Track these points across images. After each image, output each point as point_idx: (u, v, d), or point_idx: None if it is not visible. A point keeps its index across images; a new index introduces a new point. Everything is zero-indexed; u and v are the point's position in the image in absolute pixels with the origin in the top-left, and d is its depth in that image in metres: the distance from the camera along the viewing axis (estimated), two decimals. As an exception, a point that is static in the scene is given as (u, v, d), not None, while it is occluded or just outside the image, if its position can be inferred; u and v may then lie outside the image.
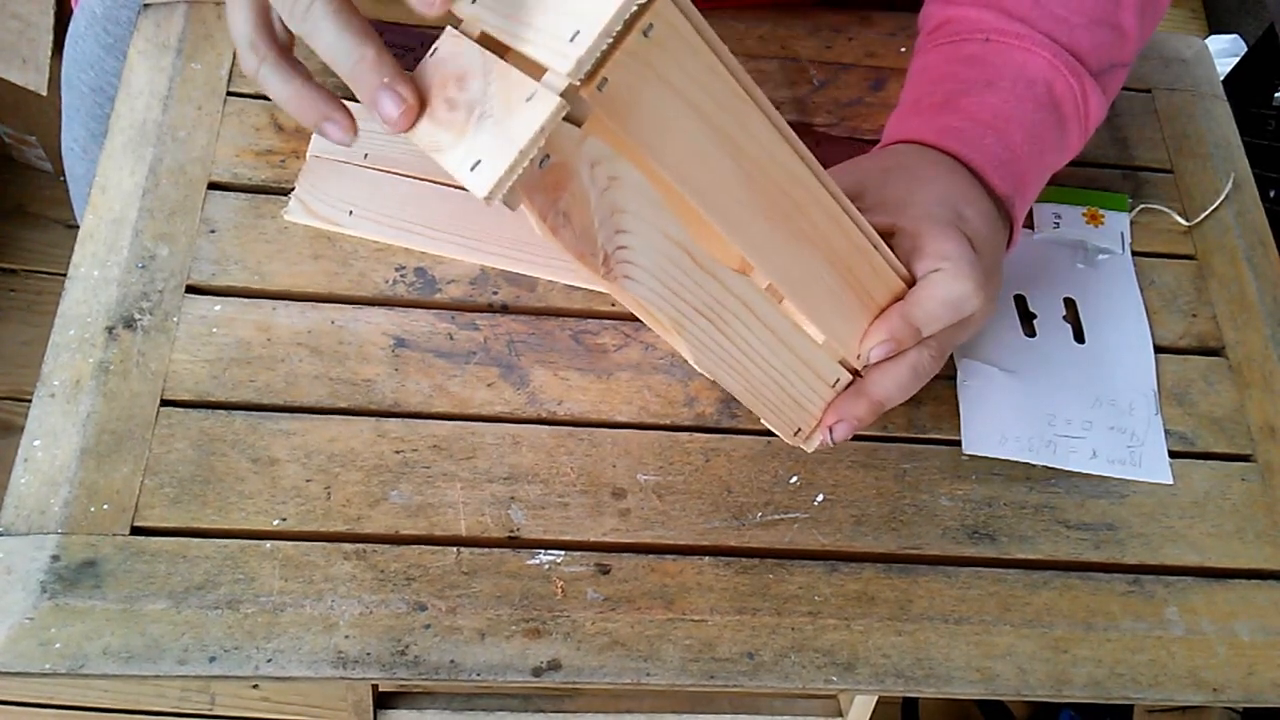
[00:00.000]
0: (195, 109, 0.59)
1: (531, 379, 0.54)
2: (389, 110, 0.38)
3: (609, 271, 0.40)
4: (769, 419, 0.49)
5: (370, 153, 0.58)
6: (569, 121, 0.35)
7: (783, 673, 0.49)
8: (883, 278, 0.48)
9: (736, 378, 0.46)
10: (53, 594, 0.46)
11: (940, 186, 0.51)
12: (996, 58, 0.54)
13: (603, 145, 0.37)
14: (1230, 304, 0.62)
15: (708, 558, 0.51)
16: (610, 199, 0.39)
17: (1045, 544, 0.53)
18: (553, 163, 0.36)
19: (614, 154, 0.37)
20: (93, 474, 0.49)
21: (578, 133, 0.36)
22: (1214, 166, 0.67)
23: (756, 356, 0.46)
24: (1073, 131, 0.55)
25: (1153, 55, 0.71)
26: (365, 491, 0.50)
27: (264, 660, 0.46)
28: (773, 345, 0.46)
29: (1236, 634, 0.52)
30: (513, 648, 0.48)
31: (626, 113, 0.36)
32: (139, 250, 0.54)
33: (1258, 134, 1.17)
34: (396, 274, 0.56)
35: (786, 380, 0.48)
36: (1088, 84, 0.54)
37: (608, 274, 0.40)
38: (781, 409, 0.48)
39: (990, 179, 0.52)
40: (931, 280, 0.48)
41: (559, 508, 0.51)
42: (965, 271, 0.48)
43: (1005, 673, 0.50)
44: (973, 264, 0.48)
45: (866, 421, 0.49)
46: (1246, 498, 0.56)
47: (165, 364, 0.52)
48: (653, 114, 0.37)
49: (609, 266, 0.40)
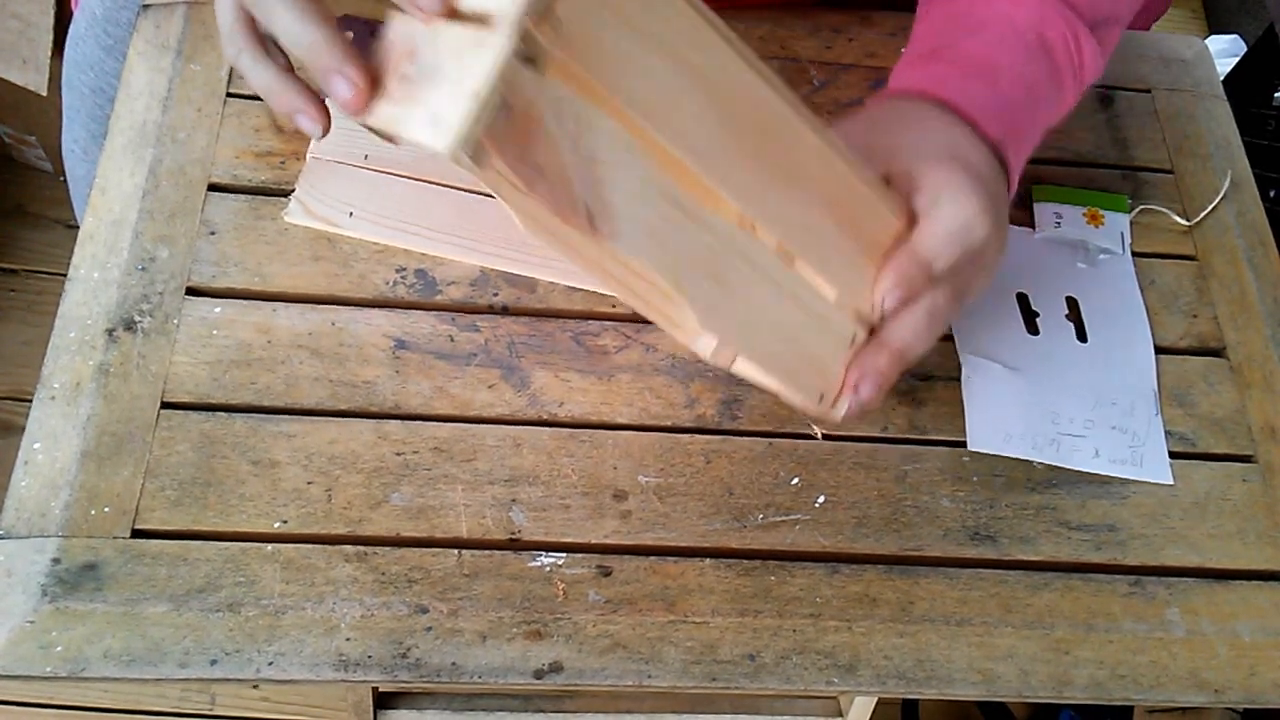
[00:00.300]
0: (195, 110, 0.59)
1: (532, 380, 0.54)
2: (341, 92, 0.38)
3: (595, 230, 0.38)
4: (790, 392, 0.46)
5: (370, 153, 0.58)
6: (528, 66, 0.34)
7: (784, 674, 0.49)
8: (885, 222, 0.46)
9: (748, 344, 0.44)
10: (53, 597, 0.46)
11: (931, 129, 0.49)
12: (984, 9, 0.53)
13: (566, 89, 0.35)
14: (1231, 304, 0.62)
15: (709, 559, 0.51)
16: (585, 149, 0.37)
17: (1046, 545, 0.53)
18: (517, 111, 0.34)
19: (580, 98, 0.36)
20: (93, 476, 0.49)
21: (538, 77, 0.35)
22: (1214, 166, 0.67)
23: (766, 317, 0.44)
24: (1067, 82, 0.53)
25: (1153, 55, 0.71)
26: (366, 494, 0.50)
27: (265, 663, 0.46)
28: (782, 303, 0.44)
29: (1238, 635, 0.52)
30: (514, 650, 0.48)
31: (586, 52, 0.35)
32: (139, 252, 0.54)
33: (1258, 134, 1.17)
34: (397, 275, 0.56)
35: (801, 342, 0.45)
36: (1081, 32, 0.52)
37: (594, 232, 0.38)
38: (800, 376, 0.46)
39: (981, 124, 0.50)
40: (933, 213, 0.46)
41: (560, 509, 0.51)
42: (967, 195, 0.46)
43: (1006, 674, 0.50)
44: (973, 187, 0.46)
45: (890, 376, 0.47)
46: (1247, 498, 0.56)
47: (165, 366, 0.52)
48: (615, 53, 0.35)
49: (594, 225, 0.38)
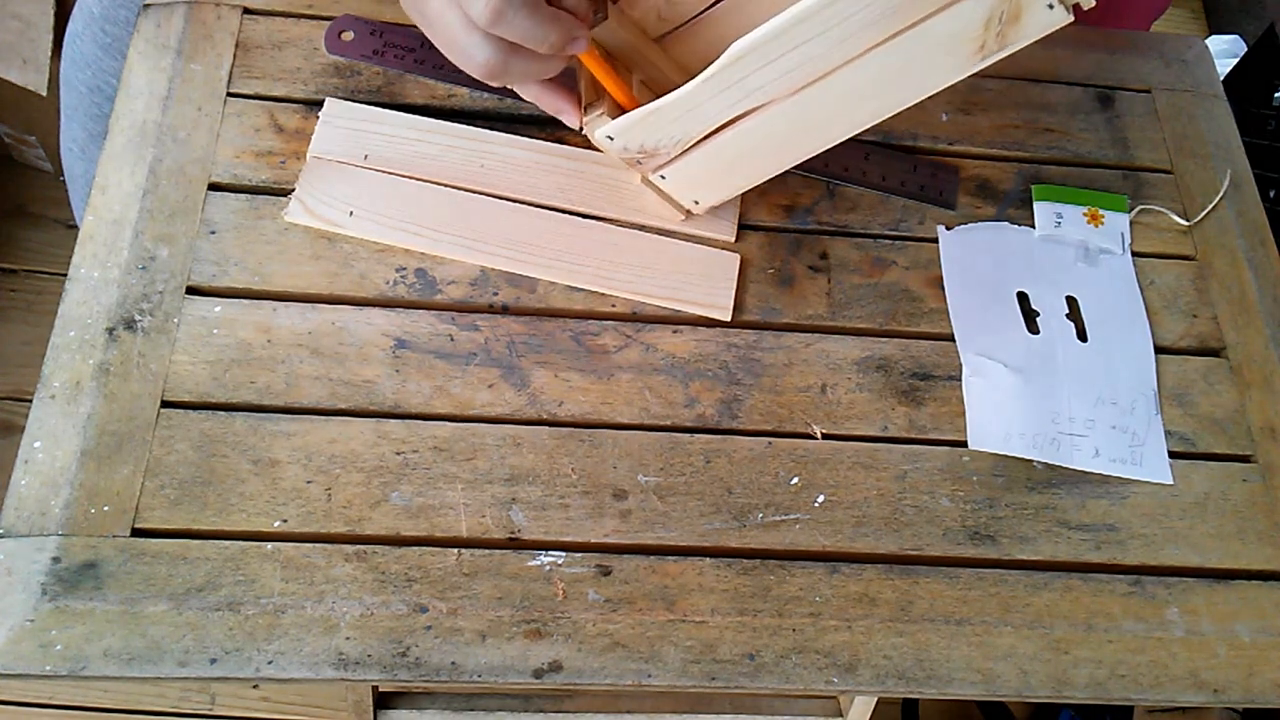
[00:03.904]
0: (195, 110, 0.59)
1: (532, 380, 0.54)
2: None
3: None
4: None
5: (370, 153, 0.58)
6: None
7: (784, 674, 0.49)
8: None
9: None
10: (53, 596, 0.46)
11: None
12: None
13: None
14: (1231, 304, 0.62)
15: (709, 559, 0.51)
16: None
17: (1046, 545, 0.53)
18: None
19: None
20: (93, 475, 0.49)
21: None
22: (1214, 166, 0.67)
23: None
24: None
25: (1153, 55, 0.71)
26: (366, 493, 0.50)
27: (265, 662, 0.46)
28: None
29: (1237, 635, 0.52)
30: (514, 649, 0.48)
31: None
32: (139, 251, 0.54)
33: (1258, 134, 1.17)
34: (397, 275, 0.56)
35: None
36: None
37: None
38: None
39: None
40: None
41: (560, 509, 0.51)
42: None
43: (1006, 674, 0.50)
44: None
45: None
46: (1247, 498, 0.56)
47: (165, 365, 0.52)
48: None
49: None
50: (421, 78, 0.62)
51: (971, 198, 0.64)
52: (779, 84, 0.48)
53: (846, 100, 0.49)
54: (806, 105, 0.49)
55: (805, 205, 0.62)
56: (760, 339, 0.57)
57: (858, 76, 0.48)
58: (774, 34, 0.45)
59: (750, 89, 0.48)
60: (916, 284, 0.60)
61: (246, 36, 0.61)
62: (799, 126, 0.51)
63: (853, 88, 0.48)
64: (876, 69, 0.47)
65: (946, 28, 0.45)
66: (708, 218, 0.59)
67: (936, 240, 0.61)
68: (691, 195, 0.57)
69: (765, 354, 0.57)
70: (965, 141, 0.65)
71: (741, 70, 0.47)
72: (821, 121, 0.51)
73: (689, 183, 0.56)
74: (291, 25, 0.62)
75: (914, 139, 0.65)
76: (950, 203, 0.63)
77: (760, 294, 0.58)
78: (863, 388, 0.56)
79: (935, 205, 0.63)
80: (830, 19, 0.45)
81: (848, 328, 0.58)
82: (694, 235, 0.59)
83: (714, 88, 0.48)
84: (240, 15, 0.62)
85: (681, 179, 0.56)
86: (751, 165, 0.55)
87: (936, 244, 0.61)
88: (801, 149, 0.54)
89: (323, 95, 0.60)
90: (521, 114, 0.62)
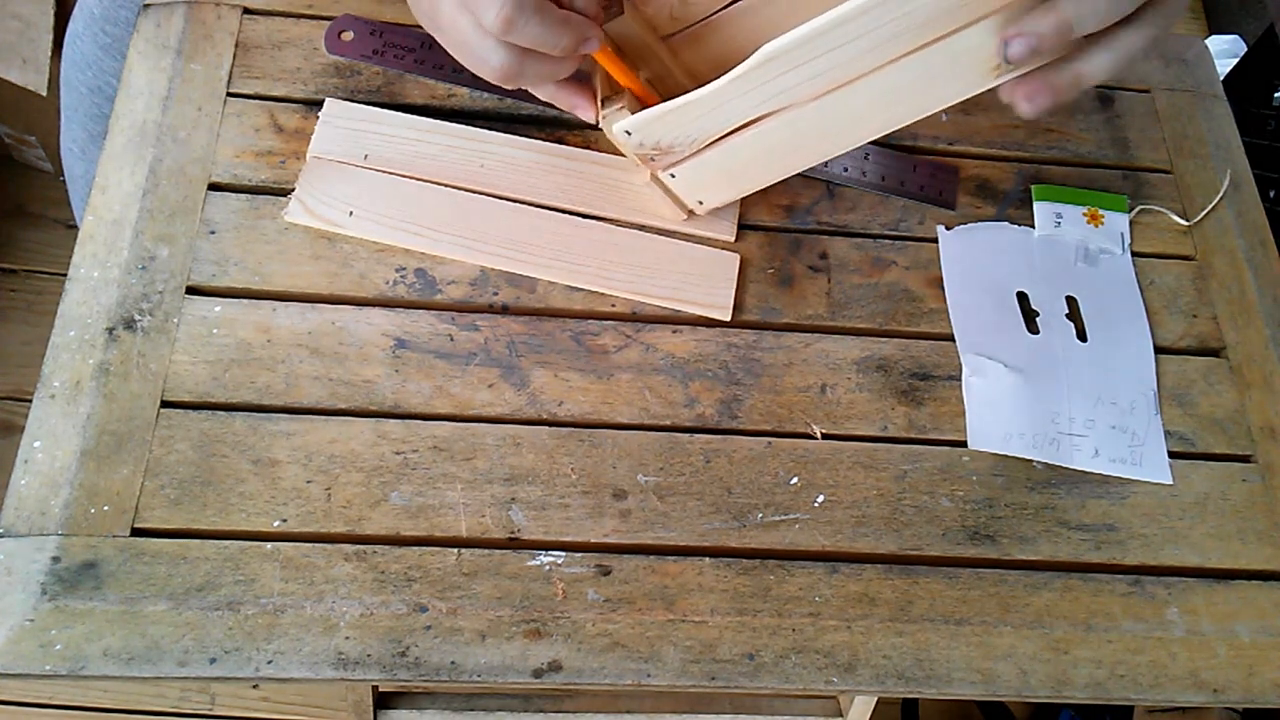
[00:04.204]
0: (195, 110, 0.59)
1: (532, 380, 0.54)
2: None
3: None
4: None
5: (370, 153, 0.58)
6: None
7: (783, 674, 0.49)
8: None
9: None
10: (53, 595, 0.46)
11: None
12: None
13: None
14: (1230, 304, 0.62)
15: (708, 559, 0.51)
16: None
17: (1046, 545, 0.53)
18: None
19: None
20: (93, 475, 0.49)
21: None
22: (1214, 166, 0.67)
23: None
24: None
25: (1153, 55, 0.71)
26: (366, 493, 0.50)
27: (264, 661, 0.46)
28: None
29: (1237, 635, 0.52)
30: (513, 649, 0.48)
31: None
32: (139, 251, 0.54)
33: (1258, 134, 1.17)
34: (397, 275, 0.56)
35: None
36: None
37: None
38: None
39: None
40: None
41: (559, 509, 0.51)
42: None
43: (1006, 674, 0.50)
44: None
45: (1048, 43, 0.43)
46: (1247, 498, 0.56)
47: (165, 365, 0.52)
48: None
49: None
50: (421, 78, 0.62)
51: (971, 198, 0.64)
52: (803, 88, 0.48)
53: (863, 108, 0.49)
54: (824, 111, 0.49)
55: (805, 205, 0.62)
56: (760, 339, 0.57)
57: (878, 86, 0.48)
58: (809, 37, 0.45)
59: (775, 91, 0.48)
60: (916, 284, 0.60)
61: (246, 36, 0.61)
62: (813, 132, 0.51)
63: (872, 96, 0.49)
64: (896, 80, 0.47)
65: (969, 43, 0.46)
66: (708, 218, 0.60)
67: (936, 240, 0.62)
68: (697, 195, 0.57)
69: (765, 354, 0.57)
70: (965, 141, 0.65)
71: (771, 72, 0.47)
72: (836, 128, 0.51)
73: (697, 182, 0.56)
74: (291, 25, 0.62)
75: (914, 139, 0.65)
76: (950, 203, 0.63)
77: (760, 294, 0.58)
78: (862, 388, 0.56)
79: (935, 205, 0.63)
80: (864, 26, 0.45)
81: (847, 328, 0.58)
82: (694, 235, 0.59)
83: (741, 87, 0.48)
84: (240, 15, 0.62)
85: (691, 178, 0.56)
86: (762, 168, 0.55)
87: (936, 244, 0.61)
88: (813, 155, 0.54)
89: (323, 95, 0.60)
90: (521, 114, 0.62)
